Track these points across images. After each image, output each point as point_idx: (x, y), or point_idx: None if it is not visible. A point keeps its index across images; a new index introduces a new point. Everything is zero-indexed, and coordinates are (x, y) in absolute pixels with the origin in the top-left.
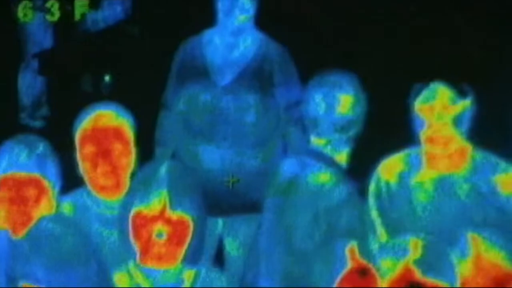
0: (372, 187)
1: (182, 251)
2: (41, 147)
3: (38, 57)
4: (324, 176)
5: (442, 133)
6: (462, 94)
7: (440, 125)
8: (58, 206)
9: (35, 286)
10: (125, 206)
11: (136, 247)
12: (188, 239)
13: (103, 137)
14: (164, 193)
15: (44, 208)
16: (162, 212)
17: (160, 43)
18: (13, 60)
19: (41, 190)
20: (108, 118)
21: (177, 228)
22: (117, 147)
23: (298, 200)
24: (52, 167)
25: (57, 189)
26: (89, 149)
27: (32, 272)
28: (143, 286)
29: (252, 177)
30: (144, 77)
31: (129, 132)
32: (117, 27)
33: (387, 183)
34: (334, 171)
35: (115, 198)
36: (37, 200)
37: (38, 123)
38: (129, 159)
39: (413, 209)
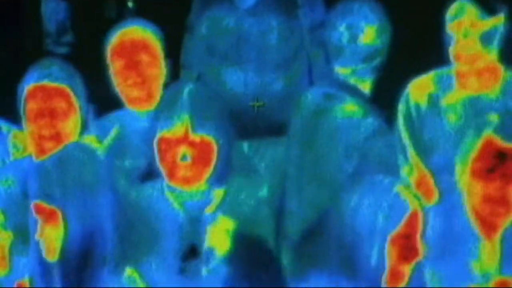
0: (401, 108)
1: (208, 172)
2: (71, 68)
3: None
4: (351, 108)
5: (469, 50)
6: (492, 10)
7: (467, 41)
8: (83, 130)
9: (46, 204)
10: (151, 130)
11: (163, 170)
12: (214, 160)
13: (130, 50)
14: (186, 116)
15: (71, 126)
16: (185, 135)
17: None
18: None
19: (70, 104)
20: (134, 32)
21: (201, 150)
22: (145, 58)
23: (325, 133)
24: (81, 87)
25: (84, 111)
26: (119, 62)
27: (50, 192)
28: (173, 202)
29: (277, 99)
30: (168, 2)
31: (157, 44)
32: None
33: (417, 105)
34: (360, 102)
35: (148, 109)
36: (66, 114)
37: (63, 49)
38: (158, 71)
39: (444, 131)
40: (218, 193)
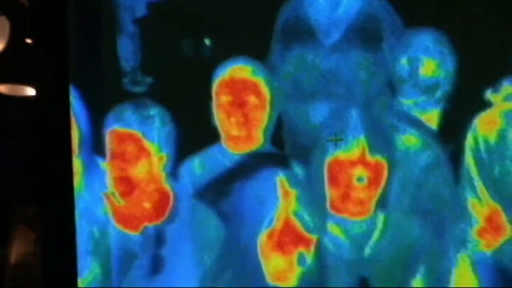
0: (470, 143)
1: (378, 195)
2: (152, 110)
3: (136, 23)
4: (411, 140)
5: None
6: None
7: None
8: (167, 171)
9: None
10: (319, 155)
11: (332, 194)
12: (384, 183)
13: (239, 89)
14: (362, 138)
15: (143, 169)
16: (362, 156)
17: (260, 4)
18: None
19: (140, 148)
20: (246, 71)
21: (375, 172)
22: (253, 99)
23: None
24: (159, 130)
25: (164, 153)
26: (225, 98)
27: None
28: (335, 234)
29: None
30: (245, 40)
31: (265, 88)
32: None
33: (486, 140)
34: (421, 134)
35: (244, 151)
36: (136, 157)
37: (140, 88)
38: (263, 114)
39: None
40: (380, 218)
